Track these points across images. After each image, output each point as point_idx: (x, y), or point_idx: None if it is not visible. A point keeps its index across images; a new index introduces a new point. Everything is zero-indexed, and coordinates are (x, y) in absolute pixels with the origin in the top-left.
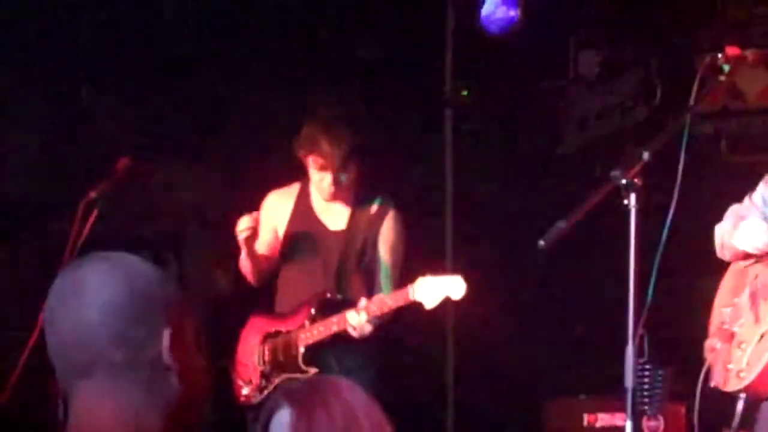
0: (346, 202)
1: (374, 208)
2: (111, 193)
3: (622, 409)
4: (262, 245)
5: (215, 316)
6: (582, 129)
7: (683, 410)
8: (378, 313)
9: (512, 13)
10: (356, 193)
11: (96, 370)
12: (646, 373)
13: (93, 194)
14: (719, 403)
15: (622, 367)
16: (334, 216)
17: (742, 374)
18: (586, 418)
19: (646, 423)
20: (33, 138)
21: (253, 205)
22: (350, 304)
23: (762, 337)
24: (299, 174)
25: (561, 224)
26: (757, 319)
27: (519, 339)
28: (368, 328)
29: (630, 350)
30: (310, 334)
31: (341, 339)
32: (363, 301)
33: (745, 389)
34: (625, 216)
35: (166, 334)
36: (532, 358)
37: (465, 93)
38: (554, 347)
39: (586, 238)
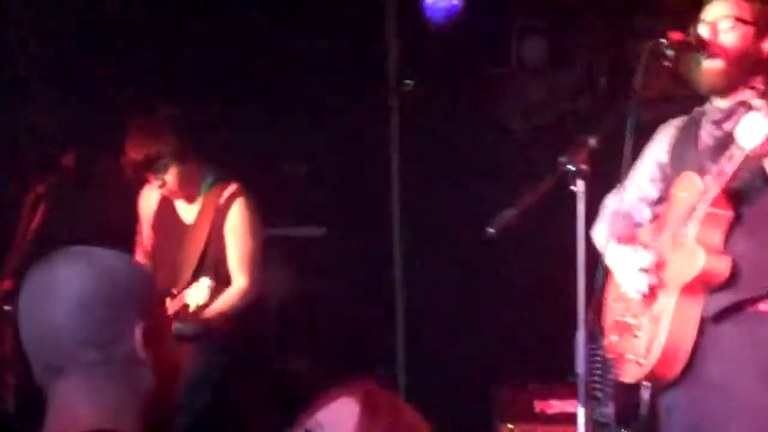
0: (194, 195)
1: (223, 197)
2: (59, 187)
3: (574, 396)
4: (145, 240)
5: None
6: (528, 116)
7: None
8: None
9: (455, 1)
10: (203, 184)
11: (70, 370)
12: (597, 359)
13: (41, 188)
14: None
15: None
16: (189, 209)
17: (642, 360)
18: (538, 405)
19: (598, 409)
20: None
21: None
22: None
23: (655, 320)
24: None
25: (510, 211)
26: (648, 305)
27: (469, 326)
28: (187, 331)
29: (580, 336)
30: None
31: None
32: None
33: (647, 376)
34: (574, 202)
35: (139, 330)
36: (483, 346)
37: (409, 82)
38: (505, 335)
39: (536, 224)
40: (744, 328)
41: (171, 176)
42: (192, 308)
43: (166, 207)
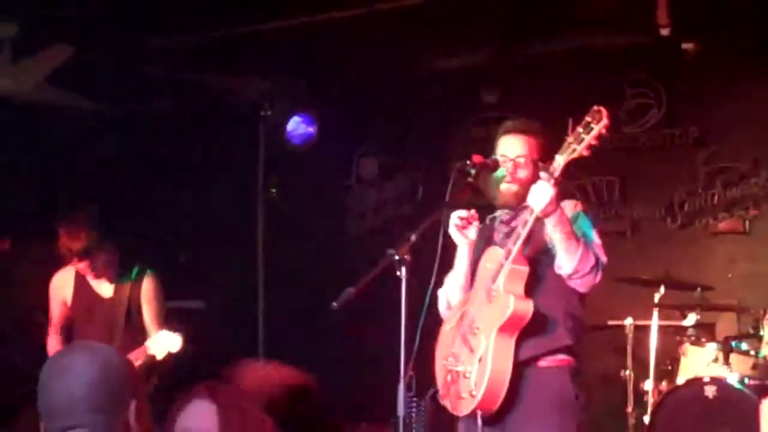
0: (110, 276)
1: (134, 275)
2: None
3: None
4: (56, 316)
5: None
6: (363, 219)
7: None
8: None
9: (310, 129)
10: (117, 267)
11: (79, 428)
12: (413, 404)
13: None
14: None
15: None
16: (104, 287)
17: (473, 393)
18: None
19: None
20: None
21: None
22: None
23: (480, 361)
24: None
25: (350, 290)
26: (472, 351)
27: (320, 379)
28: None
29: (401, 386)
30: None
31: None
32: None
33: (479, 406)
34: (399, 284)
35: (132, 405)
36: (331, 395)
37: (274, 190)
38: (345, 384)
39: (370, 300)
40: (538, 378)
41: (99, 261)
42: (162, 356)
43: (83, 286)
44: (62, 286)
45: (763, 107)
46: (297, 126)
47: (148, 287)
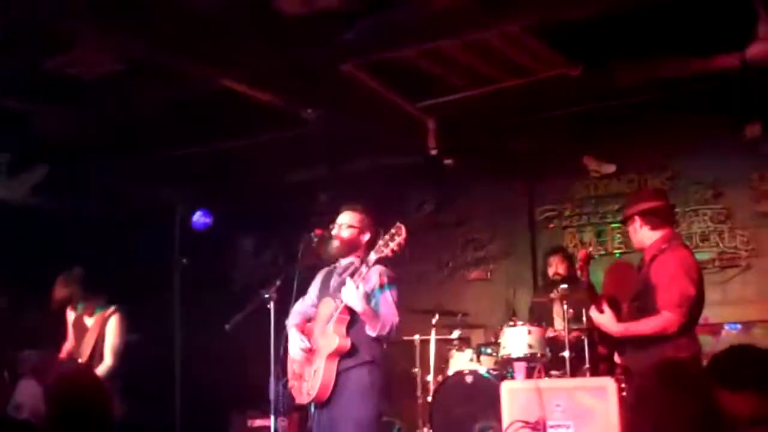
0: (92, 313)
1: (106, 313)
2: None
3: (268, 414)
4: (70, 336)
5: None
6: (246, 276)
7: (298, 414)
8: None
9: (208, 219)
10: (94, 306)
11: None
12: (281, 391)
13: None
14: None
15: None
16: (90, 319)
17: (310, 393)
18: (250, 421)
19: (280, 422)
20: None
21: None
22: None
23: (315, 373)
24: None
25: (237, 318)
26: (311, 364)
27: (220, 377)
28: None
29: (272, 380)
30: None
31: None
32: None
33: (312, 400)
34: (269, 314)
35: None
36: (226, 390)
37: (185, 261)
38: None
39: (251, 325)
40: (347, 376)
41: (81, 306)
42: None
43: (79, 319)
44: (70, 319)
45: (492, 201)
46: (199, 218)
47: (113, 323)
